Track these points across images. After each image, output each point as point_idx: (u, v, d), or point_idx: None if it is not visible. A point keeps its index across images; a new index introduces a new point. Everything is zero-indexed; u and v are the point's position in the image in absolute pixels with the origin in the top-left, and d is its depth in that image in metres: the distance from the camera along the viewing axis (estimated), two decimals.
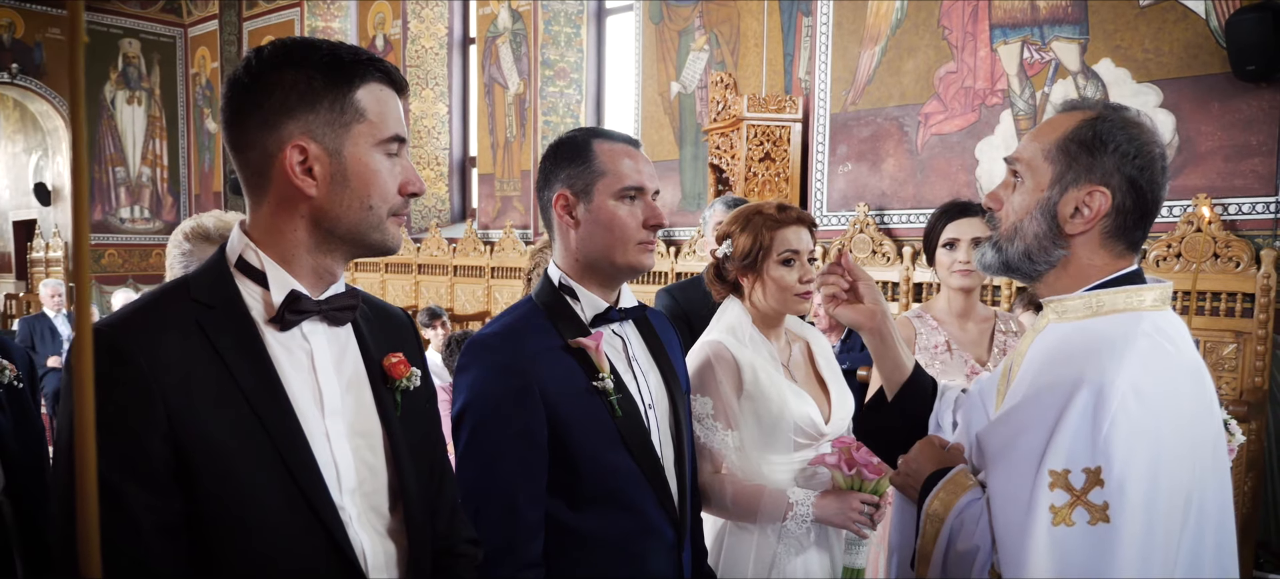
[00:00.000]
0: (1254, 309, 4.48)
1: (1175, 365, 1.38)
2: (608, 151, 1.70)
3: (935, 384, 1.92)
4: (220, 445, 1.15)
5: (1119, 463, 1.27)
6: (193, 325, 1.19)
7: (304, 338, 1.27)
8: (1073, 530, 1.28)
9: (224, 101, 1.28)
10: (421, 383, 1.40)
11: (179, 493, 1.13)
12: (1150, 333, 1.38)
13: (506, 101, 9.34)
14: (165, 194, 13.43)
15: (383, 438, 1.33)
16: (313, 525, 1.20)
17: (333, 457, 1.25)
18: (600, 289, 1.76)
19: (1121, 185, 1.41)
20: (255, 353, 1.21)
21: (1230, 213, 4.61)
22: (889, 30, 5.80)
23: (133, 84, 13.05)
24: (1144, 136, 1.42)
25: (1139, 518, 1.27)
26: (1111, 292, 1.44)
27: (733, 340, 2.21)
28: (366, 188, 1.24)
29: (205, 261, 1.30)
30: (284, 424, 1.20)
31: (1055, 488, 1.30)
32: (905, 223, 5.82)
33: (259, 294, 1.25)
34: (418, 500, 1.35)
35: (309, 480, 1.20)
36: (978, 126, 5.48)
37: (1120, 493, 1.27)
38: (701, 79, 7.70)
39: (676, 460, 1.80)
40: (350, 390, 1.31)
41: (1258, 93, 4.54)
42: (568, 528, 1.68)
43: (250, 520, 1.17)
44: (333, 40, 1.30)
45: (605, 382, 1.67)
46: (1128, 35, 4.92)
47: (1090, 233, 1.44)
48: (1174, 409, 1.34)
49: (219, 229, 2.11)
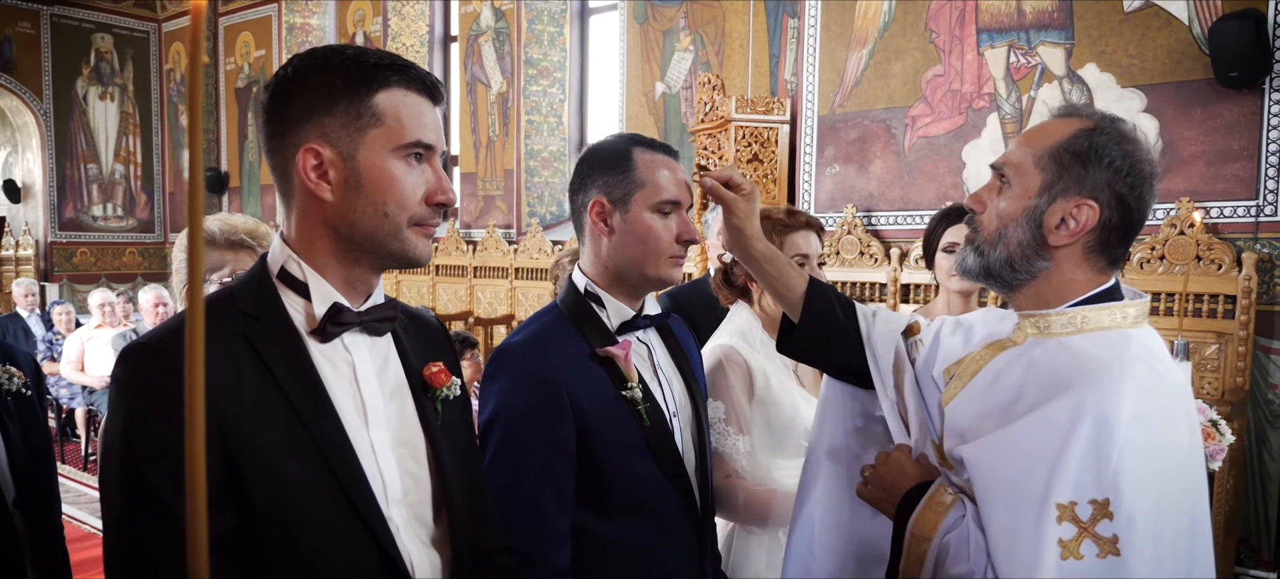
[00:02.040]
0: (1235, 310, 4.57)
1: (1169, 389, 1.36)
2: (648, 162, 1.69)
3: (839, 294, 1.82)
4: (271, 459, 1.14)
5: (1128, 495, 1.26)
6: (240, 338, 1.18)
7: (346, 349, 1.27)
8: (1082, 564, 1.25)
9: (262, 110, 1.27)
10: (460, 391, 1.40)
11: (231, 507, 1.12)
12: (1143, 356, 1.36)
13: (489, 100, 9.30)
14: (139, 192, 13.23)
15: (426, 447, 1.33)
16: (363, 538, 1.20)
17: (378, 468, 1.25)
18: (627, 298, 1.76)
19: (1110, 201, 1.37)
20: (302, 365, 1.21)
21: (1212, 216, 4.70)
22: (877, 33, 5.84)
23: (105, 80, 12.84)
24: (1137, 153, 1.38)
25: (1149, 549, 1.26)
26: (1095, 309, 1.41)
27: (743, 345, 2.22)
28: (382, 195, 1.21)
29: (247, 272, 1.29)
30: (333, 437, 1.20)
31: (1063, 521, 1.27)
32: (892, 225, 5.87)
33: (301, 305, 1.24)
34: (461, 509, 1.35)
35: (359, 493, 1.20)
36: (964, 129, 5.54)
37: (1130, 525, 1.25)
38: (686, 80, 7.71)
39: (699, 468, 1.81)
40: (393, 400, 1.31)
41: (1239, 99, 4.62)
42: (594, 536, 1.68)
43: (300, 533, 1.16)
44: (362, 46, 1.29)
45: (634, 391, 1.67)
46: (1112, 41, 4.99)
47: (1074, 246, 1.40)
48: (1172, 435, 1.33)
49: (223, 232, 2.08)
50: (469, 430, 1.46)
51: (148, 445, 1.09)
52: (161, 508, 1.07)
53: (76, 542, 5.12)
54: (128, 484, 1.10)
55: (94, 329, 7.41)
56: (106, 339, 7.06)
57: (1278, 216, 4.55)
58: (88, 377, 7.16)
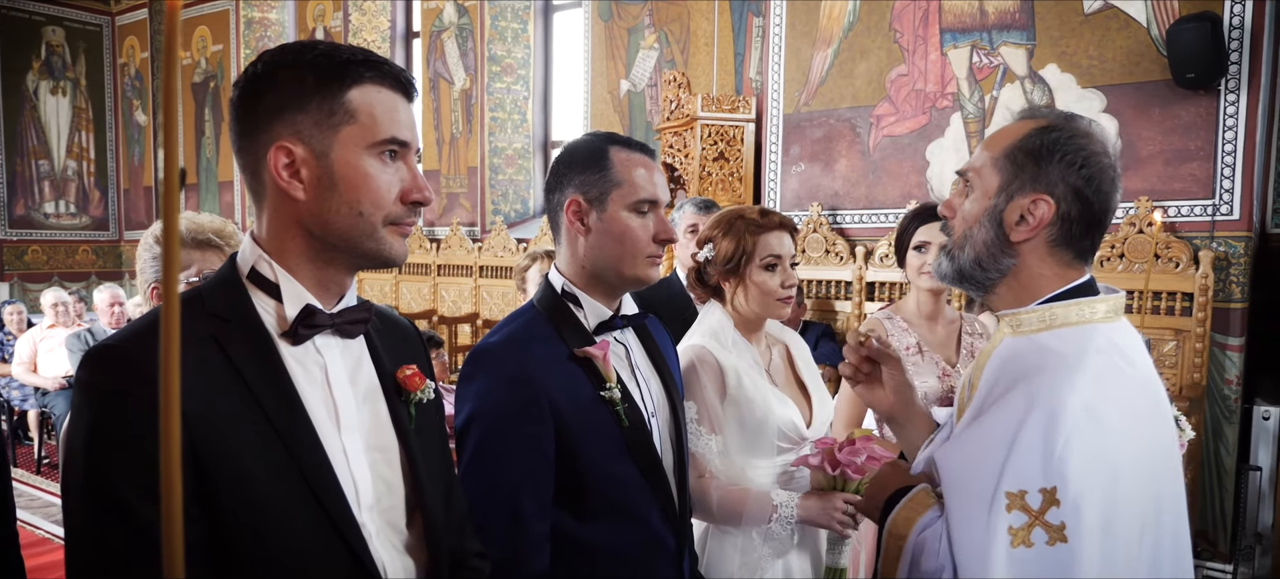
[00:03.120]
0: (1193, 308, 4.65)
1: (1129, 381, 1.39)
2: (624, 161, 1.68)
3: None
4: (242, 465, 1.11)
5: (1074, 483, 1.29)
6: (209, 340, 1.15)
7: (318, 352, 1.23)
8: (1031, 552, 1.29)
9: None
10: (434, 395, 1.38)
11: (202, 515, 1.09)
12: (1104, 349, 1.39)
13: (452, 97, 9.22)
14: (93, 189, 12.94)
15: (399, 452, 1.30)
16: (336, 546, 1.17)
17: (351, 473, 1.22)
18: (604, 298, 1.75)
19: (1067, 195, 1.41)
20: (273, 369, 1.18)
21: (1170, 215, 4.78)
22: (841, 32, 5.87)
23: (56, 74, 12.53)
24: (1092, 146, 1.42)
25: (1096, 536, 1.29)
26: (1064, 305, 1.44)
27: (716, 345, 2.21)
28: (355, 193, 1.19)
29: (216, 272, 1.26)
30: (306, 443, 1.17)
31: (1012, 509, 1.31)
32: (858, 223, 5.90)
33: (272, 307, 1.21)
34: (435, 514, 1.32)
35: (332, 499, 1.17)
36: (928, 129, 5.59)
37: (1076, 513, 1.28)
38: (651, 77, 7.71)
39: (677, 469, 1.80)
40: (366, 404, 1.28)
41: (1196, 99, 4.70)
42: (573, 539, 1.67)
43: (271, 540, 1.13)
44: (335, 42, 1.26)
45: (613, 391, 1.66)
46: (1073, 42, 5.06)
47: (1036, 241, 1.44)
48: (1129, 426, 1.35)
49: (190, 231, 2.04)
50: (443, 434, 1.44)
51: (113, 450, 1.05)
52: (127, 514, 1.04)
53: (31, 547, 5.00)
54: (92, 490, 1.06)
55: (47, 329, 7.24)
56: (60, 339, 6.90)
57: (1233, 216, 4.63)
58: (41, 378, 6.99)
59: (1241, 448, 4.64)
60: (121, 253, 13.09)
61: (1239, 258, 4.64)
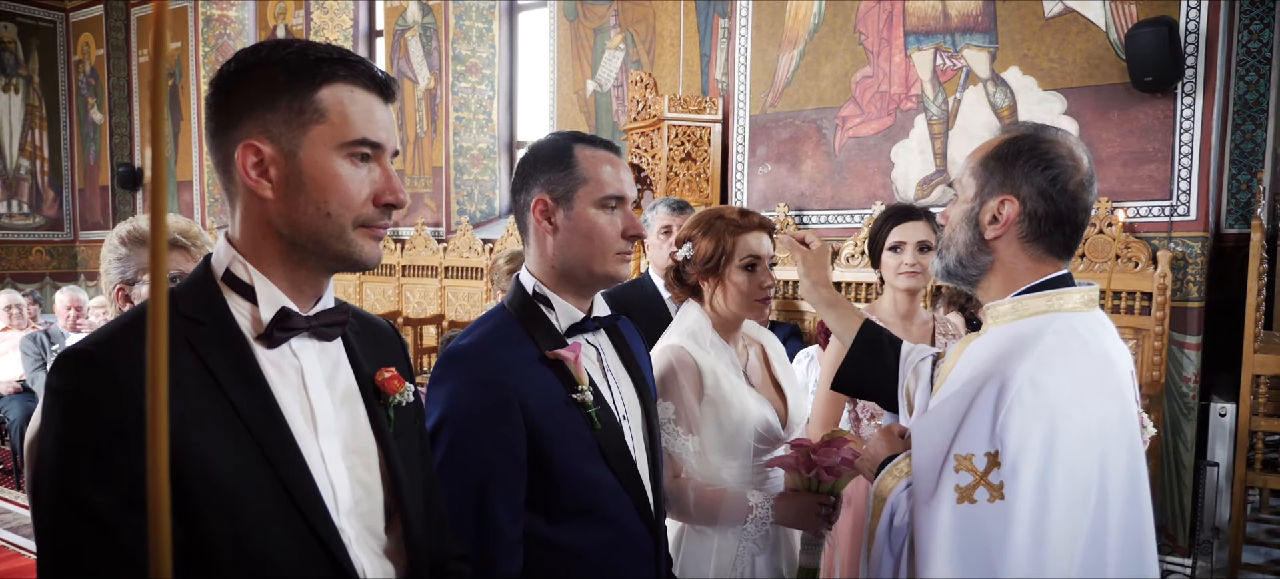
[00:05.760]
0: (1151, 307, 4.74)
1: (1078, 358, 1.52)
2: (589, 158, 1.67)
3: (888, 334, 2.14)
4: (218, 471, 1.09)
5: (1012, 446, 1.43)
6: (183, 343, 1.12)
7: (294, 355, 1.21)
8: (974, 508, 1.45)
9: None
10: (413, 398, 1.36)
11: (177, 522, 1.06)
12: (1060, 331, 1.53)
13: (417, 96, 9.15)
14: (47, 188, 12.64)
15: (378, 455, 1.28)
16: (315, 552, 1.15)
17: (329, 478, 1.20)
18: (575, 298, 1.74)
19: (1031, 195, 1.57)
20: (249, 373, 1.15)
21: (1129, 216, 4.86)
22: (807, 34, 5.91)
23: (9, 71, 12.23)
24: (1054, 151, 1.58)
25: (1031, 496, 1.42)
26: (1034, 296, 1.59)
27: (694, 345, 2.21)
28: (323, 194, 1.17)
29: (191, 274, 1.23)
30: (284, 449, 1.15)
31: (960, 471, 1.47)
32: (824, 223, 5.94)
33: (247, 309, 1.19)
34: (415, 518, 1.31)
35: (310, 504, 1.15)
36: (893, 130, 5.64)
37: (1014, 473, 1.42)
38: (617, 78, 7.70)
39: (651, 470, 1.79)
40: (343, 407, 1.26)
41: (1154, 102, 4.79)
42: (546, 542, 1.65)
43: (249, 546, 1.11)
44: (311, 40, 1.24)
45: (585, 394, 1.65)
46: (1034, 45, 5.13)
47: (1009, 238, 1.60)
48: (1072, 397, 1.47)
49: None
50: (423, 437, 1.43)
51: (85, 457, 1.03)
52: (99, 521, 1.02)
53: None
54: (63, 498, 1.03)
55: (1, 332, 7.07)
56: (13, 342, 6.74)
57: (1190, 216, 4.73)
58: None
59: (1199, 444, 4.73)
60: (77, 253, 12.81)
61: (1196, 258, 4.73)
